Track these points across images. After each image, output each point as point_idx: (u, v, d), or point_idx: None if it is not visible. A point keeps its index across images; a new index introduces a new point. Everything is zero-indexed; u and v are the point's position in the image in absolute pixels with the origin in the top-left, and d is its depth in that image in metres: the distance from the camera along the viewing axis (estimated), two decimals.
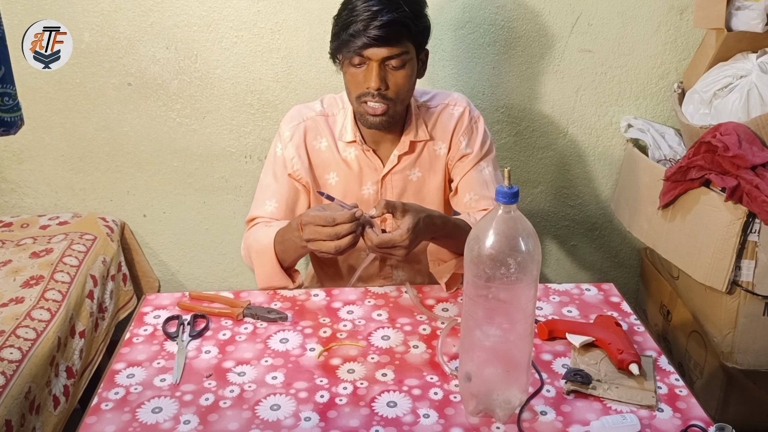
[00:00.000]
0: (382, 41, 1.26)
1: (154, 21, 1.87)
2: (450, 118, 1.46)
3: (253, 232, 1.40)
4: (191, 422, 0.99)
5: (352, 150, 1.42)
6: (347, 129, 1.42)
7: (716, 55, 1.77)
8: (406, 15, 1.27)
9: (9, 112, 1.00)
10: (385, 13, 1.25)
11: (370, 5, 1.25)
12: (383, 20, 1.25)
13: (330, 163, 1.44)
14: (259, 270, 1.34)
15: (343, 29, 1.28)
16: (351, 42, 1.27)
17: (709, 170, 1.61)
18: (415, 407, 1.02)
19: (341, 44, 1.30)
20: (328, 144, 1.43)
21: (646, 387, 1.05)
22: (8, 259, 1.78)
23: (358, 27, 1.25)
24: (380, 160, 1.43)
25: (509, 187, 0.89)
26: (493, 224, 0.90)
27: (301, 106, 1.47)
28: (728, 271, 1.58)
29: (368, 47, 1.27)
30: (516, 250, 0.90)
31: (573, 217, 2.16)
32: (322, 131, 1.43)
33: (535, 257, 0.91)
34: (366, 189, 1.45)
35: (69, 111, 1.96)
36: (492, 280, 0.91)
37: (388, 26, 1.25)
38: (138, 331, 1.21)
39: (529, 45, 1.94)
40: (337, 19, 1.32)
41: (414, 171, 1.45)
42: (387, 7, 1.25)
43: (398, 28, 1.26)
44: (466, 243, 0.93)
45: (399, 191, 1.46)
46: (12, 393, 1.33)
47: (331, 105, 1.46)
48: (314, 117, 1.44)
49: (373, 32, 1.25)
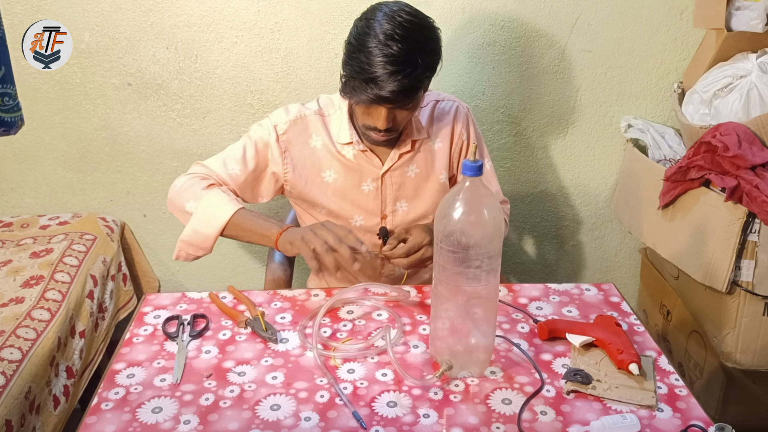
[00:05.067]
0: (395, 102, 1.26)
1: (154, 21, 1.87)
2: (443, 113, 1.48)
3: (213, 189, 1.34)
4: (191, 422, 0.99)
5: (350, 149, 1.43)
6: (344, 131, 1.42)
7: (716, 55, 1.77)
8: (421, 74, 1.25)
9: (9, 112, 1.00)
10: (400, 76, 1.21)
11: (386, 63, 1.21)
12: (398, 83, 1.22)
13: (327, 160, 1.44)
14: (197, 226, 1.32)
15: (357, 74, 1.24)
16: (363, 92, 1.24)
17: (709, 170, 1.61)
18: (415, 407, 1.02)
19: (353, 88, 1.27)
20: (324, 142, 1.43)
21: (646, 387, 1.05)
22: (8, 259, 1.78)
23: (372, 84, 1.22)
24: (378, 158, 1.44)
25: (474, 161, 0.99)
26: (461, 194, 1.01)
27: (296, 105, 1.46)
28: (728, 271, 1.58)
29: (380, 103, 1.26)
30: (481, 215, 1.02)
31: (573, 217, 2.16)
32: (318, 129, 1.43)
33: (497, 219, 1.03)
34: (366, 186, 1.45)
35: (69, 111, 1.96)
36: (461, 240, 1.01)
37: (402, 89, 1.23)
38: (138, 331, 1.21)
39: (529, 45, 1.94)
40: (351, 57, 1.27)
41: (412, 167, 1.46)
42: (403, 69, 1.22)
43: (413, 88, 1.25)
44: (437, 210, 1.03)
45: (397, 188, 1.47)
46: (12, 393, 1.33)
47: (327, 105, 1.46)
48: (310, 114, 1.44)
49: (387, 93, 1.23)
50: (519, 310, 1.26)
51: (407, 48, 1.22)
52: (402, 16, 1.25)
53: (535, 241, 2.20)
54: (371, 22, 1.25)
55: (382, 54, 1.22)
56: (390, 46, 1.22)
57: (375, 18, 1.25)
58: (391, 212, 1.48)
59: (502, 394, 1.05)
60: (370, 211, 1.47)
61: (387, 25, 1.23)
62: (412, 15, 1.27)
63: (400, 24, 1.23)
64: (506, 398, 1.04)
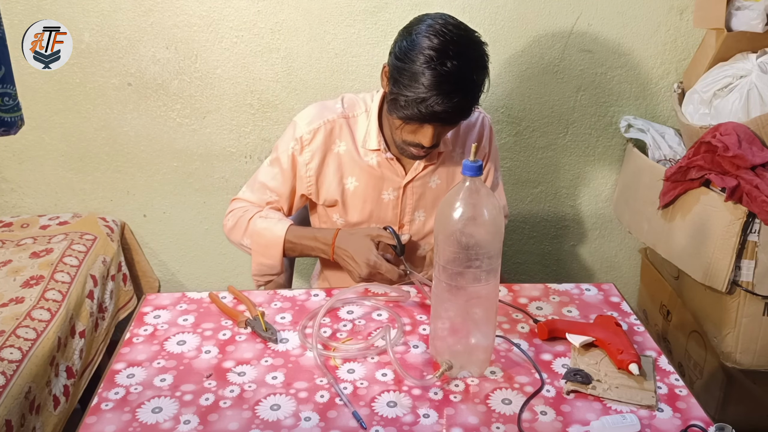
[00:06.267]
0: (449, 121, 1.25)
1: (154, 21, 1.87)
2: (470, 125, 1.46)
3: (254, 220, 1.40)
4: (191, 422, 0.99)
5: (374, 156, 1.40)
6: (372, 136, 1.38)
7: (716, 55, 1.77)
8: (477, 91, 1.23)
9: (9, 112, 1.00)
10: (458, 96, 1.19)
11: (442, 83, 1.17)
12: (455, 103, 1.19)
13: (349, 167, 1.41)
14: (260, 260, 1.40)
15: (410, 94, 1.20)
16: (415, 111, 1.21)
17: (709, 170, 1.61)
18: (415, 407, 1.02)
19: (403, 107, 1.22)
20: (348, 148, 1.39)
21: (646, 387, 1.05)
22: (8, 259, 1.78)
23: (426, 104, 1.19)
24: (402, 167, 1.41)
25: (474, 161, 0.99)
26: (461, 194, 1.01)
27: (320, 106, 1.42)
28: (728, 271, 1.58)
29: (432, 122, 1.24)
30: (480, 215, 1.02)
31: (573, 217, 2.16)
32: (343, 134, 1.39)
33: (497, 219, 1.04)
34: (387, 194, 1.43)
35: (69, 111, 1.96)
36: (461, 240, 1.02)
37: (459, 109, 1.21)
38: (138, 331, 1.21)
39: (529, 45, 1.94)
40: (401, 75, 1.21)
41: (434, 178, 1.44)
42: (460, 88, 1.19)
43: (468, 107, 1.24)
44: (437, 210, 1.04)
45: (418, 197, 1.44)
46: (12, 393, 1.33)
47: (353, 106, 1.41)
48: (335, 119, 1.39)
49: (442, 113, 1.20)
50: (519, 310, 1.26)
51: (462, 65, 1.19)
52: (450, 30, 1.20)
53: (535, 241, 2.20)
54: (419, 37, 1.20)
55: (436, 73, 1.17)
56: (444, 64, 1.17)
57: (421, 32, 1.20)
58: (408, 222, 1.46)
59: (502, 394, 1.05)
60: (389, 221, 1.45)
61: (436, 41, 1.18)
62: (461, 29, 1.23)
63: (452, 40, 1.19)
64: (506, 398, 1.04)
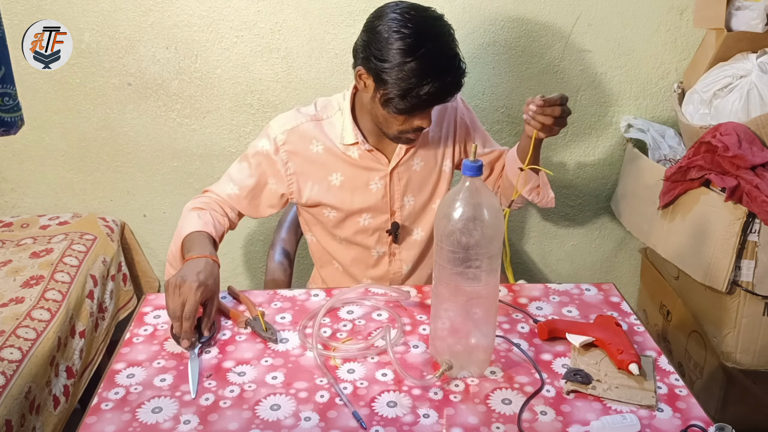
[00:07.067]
0: (450, 96, 1.29)
1: (154, 21, 1.87)
2: None
3: (189, 212, 1.40)
4: (191, 422, 0.99)
5: (354, 149, 1.42)
6: (348, 131, 1.40)
7: (716, 55, 1.77)
8: (461, 62, 1.28)
9: (9, 112, 1.00)
10: (447, 75, 1.25)
11: (436, 64, 1.23)
12: (453, 76, 1.25)
13: (332, 163, 1.43)
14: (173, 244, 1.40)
15: (409, 87, 1.24)
16: (419, 101, 1.26)
17: (709, 170, 1.61)
18: (415, 407, 1.02)
19: (406, 101, 1.26)
20: (326, 146, 1.42)
21: (646, 387, 1.05)
22: (8, 259, 1.78)
23: (430, 89, 1.24)
24: (384, 155, 1.44)
25: (474, 161, 0.99)
26: (461, 194, 1.01)
27: (294, 111, 1.45)
28: (728, 271, 1.58)
29: (435, 104, 1.30)
30: (481, 215, 1.02)
31: (573, 217, 2.16)
32: (318, 135, 1.42)
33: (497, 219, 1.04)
34: (374, 184, 1.45)
35: (69, 111, 1.96)
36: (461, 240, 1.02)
37: (457, 81, 1.27)
38: (138, 331, 1.21)
39: (529, 45, 1.94)
40: (389, 75, 1.24)
41: (416, 161, 1.47)
42: (452, 63, 1.25)
43: (461, 79, 1.28)
44: (437, 210, 1.06)
45: (405, 182, 1.46)
46: (12, 393, 1.33)
47: (325, 108, 1.44)
48: (308, 122, 1.42)
49: (445, 91, 1.26)
50: (519, 310, 1.26)
51: (440, 43, 1.25)
52: (413, 15, 1.25)
53: (535, 241, 2.20)
54: (388, 32, 1.24)
55: (421, 60, 1.22)
56: (424, 49, 1.22)
57: (387, 27, 1.24)
58: (399, 208, 1.48)
59: (502, 394, 1.05)
60: (379, 209, 1.46)
61: (406, 30, 1.23)
62: (419, 10, 1.27)
63: (419, 23, 1.24)
64: (506, 398, 1.04)
